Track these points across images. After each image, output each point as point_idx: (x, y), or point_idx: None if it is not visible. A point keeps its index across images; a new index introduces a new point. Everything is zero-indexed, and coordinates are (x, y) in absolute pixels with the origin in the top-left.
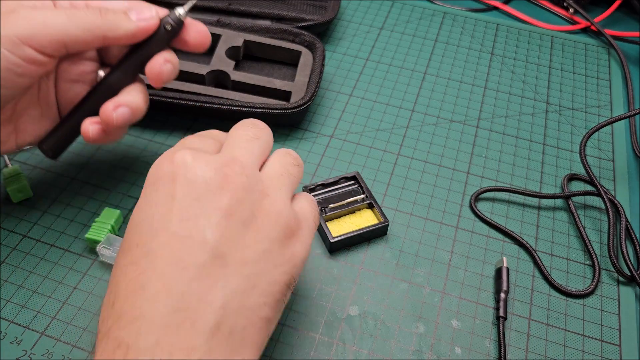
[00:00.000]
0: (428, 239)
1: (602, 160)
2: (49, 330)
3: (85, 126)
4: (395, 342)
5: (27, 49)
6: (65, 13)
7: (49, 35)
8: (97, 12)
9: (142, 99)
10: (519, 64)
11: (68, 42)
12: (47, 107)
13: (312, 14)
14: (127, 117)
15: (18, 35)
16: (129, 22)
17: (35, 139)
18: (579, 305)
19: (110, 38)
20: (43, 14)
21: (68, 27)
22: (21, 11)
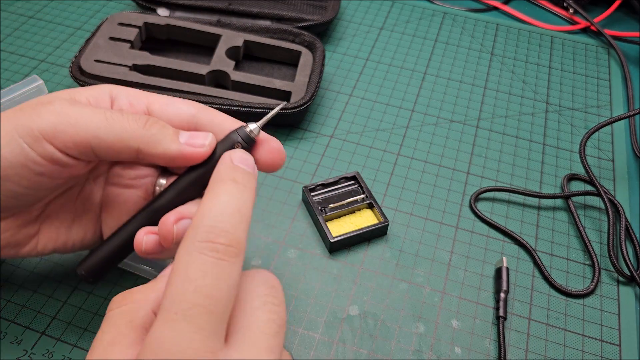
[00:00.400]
0: (428, 239)
1: (602, 160)
2: (49, 330)
3: (139, 236)
4: (395, 342)
5: (47, 145)
6: (105, 115)
7: (75, 135)
8: (142, 122)
9: None
10: (519, 64)
11: (96, 147)
12: (84, 213)
13: (312, 14)
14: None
15: (40, 129)
16: (172, 142)
17: (61, 247)
18: (578, 305)
19: (145, 153)
20: (78, 111)
21: (99, 131)
22: (56, 103)
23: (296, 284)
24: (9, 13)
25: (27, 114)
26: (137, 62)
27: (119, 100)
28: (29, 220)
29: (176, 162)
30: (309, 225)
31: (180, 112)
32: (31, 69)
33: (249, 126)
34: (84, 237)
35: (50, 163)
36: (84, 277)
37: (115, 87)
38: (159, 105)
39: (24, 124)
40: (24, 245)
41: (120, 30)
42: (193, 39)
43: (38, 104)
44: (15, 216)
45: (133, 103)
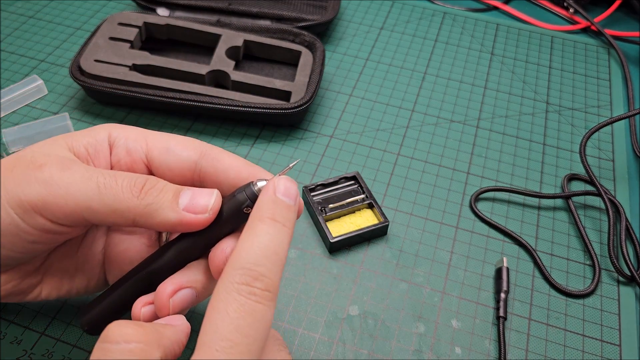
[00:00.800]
0: (428, 239)
1: (602, 160)
2: (49, 331)
3: (136, 309)
4: (396, 342)
5: (38, 217)
6: (97, 183)
7: (65, 207)
8: (138, 188)
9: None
10: (519, 64)
11: (89, 217)
12: (86, 261)
13: (312, 14)
14: (188, 302)
15: (29, 201)
16: (170, 211)
17: (65, 294)
18: (579, 305)
19: (141, 224)
20: (70, 179)
21: (92, 202)
22: (47, 169)
23: (296, 284)
24: (8, 13)
25: (17, 181)
26: (137, 62)
27: (117, 147)
28: (31, 271)
29: (176, 230)
30: (309, 225)
31: (181, 159)
32: (31, 69)
33: (258, 184)
34: (88, 284)
35: (42, 232)
36: (87, 331)
37: (115, 128)
38: (157, 153)
39: (14, 194)
40: (28, 293)
41: (120, 30)
42: (193, 39)
43: (29, 168)
44: (17, 268)
45: (131, 150)
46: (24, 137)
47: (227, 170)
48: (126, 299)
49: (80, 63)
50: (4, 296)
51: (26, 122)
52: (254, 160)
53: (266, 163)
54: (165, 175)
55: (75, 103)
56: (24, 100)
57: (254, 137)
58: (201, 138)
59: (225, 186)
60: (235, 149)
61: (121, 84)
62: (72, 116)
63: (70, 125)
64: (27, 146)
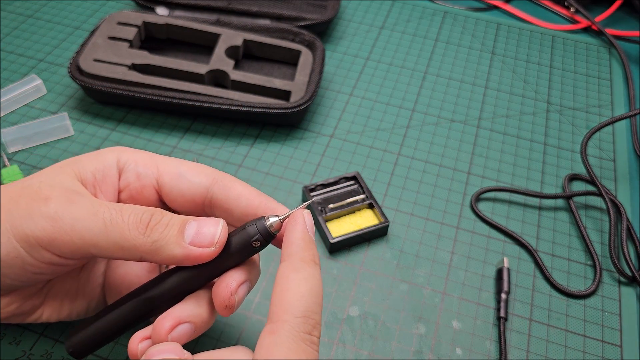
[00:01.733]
0: (428, 239)
1: (603, 160)
2: (48, 331)
3: (133, 345)
4: (396, 343)
5: (44, 252)
6: (105, 219)
7: (71, 244)
8: (144, 224)
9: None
10: (520, 64)
11: (96, 253)
12: (87, 284)
13: (312, 13)
14: (186, 337)
15: (36, 237)
16: (176, 246)
17: (66, 316)
18: (579, 305)
19: (148, 260)
20: (76, 215)
21: (98, 239)
22: (53, 203)
23: None
24: (7, 12)
25: (23, 214)
26: (136, 61)
27: (126, 172)
28: (34, 293)
29: (183, 264)
30: None
31: (193, 185)
32: (30, 69)
33: (269, 219)
34: (88, 306)
35: (48, 265)
36: (72, 354)
37: (124, 151)
38: (169, 178)
39: (19, 227)
40: (29, 314)
41: (119, 29)
42: (192, 38)
43: (35, 200)
44: (19, 291)
45: (141, 174)
46: (23, 136)
47: (239, 198)
48: (119, 324)
49: (79, 62)
50: (6, 318)
51: (25, 121)
52: (254, 160)
53: (266, 163)
54: (176, 201)
55: (74, 103)
56: (22, 99)
57: (254, 136)
58: (200, 138)
59: (236, 214)
60: (235, 149)
61: (120, 84)
62: (71, 116)
63: (69, 125)
64: (26, 146)
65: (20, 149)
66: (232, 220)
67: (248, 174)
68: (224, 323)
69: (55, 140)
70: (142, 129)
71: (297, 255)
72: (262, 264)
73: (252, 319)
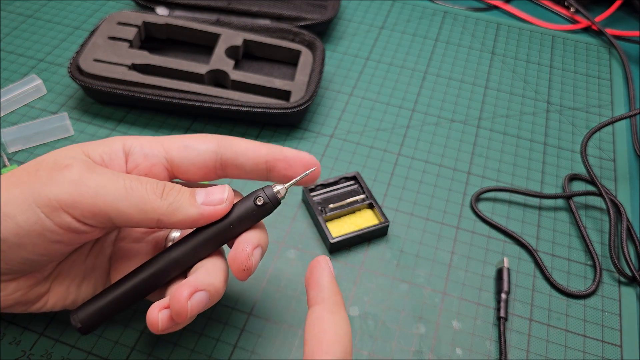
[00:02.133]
0: (428, 239)
1: (603, 160)
2: (48, 331)
3: (153, 314)
4: (396, 343)
5: (65, 215)
6: (125, 184)
7: (94, 206)
8: (160, 190)
9: (222, 278)
10: (520, 64)
11: (115, 218)
12: (94, 270)
13: (312, 13)
14: (203, 304)
15: (58, 200)
16: (191, 206)
17: (70, 304)
18: (580, 305)
19: (165, 222)
20: (98, 180)
21: (119, 203)
22: (75, 169)
23: (296, 284)
24: (7, 12)
25: (44, 181)
26: (136, 61)
27: (133, 154)
28: (41, 280)
29: (197, 224)
30: (309, 225)
31: (201, 152)
32: (30, 69)
33: (276, 186)
34: (94, 292)
35: (67, 232)
36: (79, 329)
37: (129, 139)
38: (176, 152)
39: (41, 193)
40: (34, 303)
41: (119, 29)
42: (192, 38)
43: (54, 169)
44: (27, 276)
45: (148, 154)
46: (23, 136)
47: (247, 152)
48: (129, 296)
49: (79, 62)
50: (9, 306)
51: (25, 121)
52: None
53: None
54: (189, 171)
55: (74, 103)
56: (22, 99)
57: (254, 137)
58: None
59: (247, 167)
60: None
61: (120, 84)
62: (71, 116)
63: (69, 125)
64: (26, 146)
65: (20, 149)
66: (245, 175)
67: None
68: (224, 323)
69: (55, 140)
70: (142, 129)
71: (331, 299)
72: (261, 267)
73: (252, 318)
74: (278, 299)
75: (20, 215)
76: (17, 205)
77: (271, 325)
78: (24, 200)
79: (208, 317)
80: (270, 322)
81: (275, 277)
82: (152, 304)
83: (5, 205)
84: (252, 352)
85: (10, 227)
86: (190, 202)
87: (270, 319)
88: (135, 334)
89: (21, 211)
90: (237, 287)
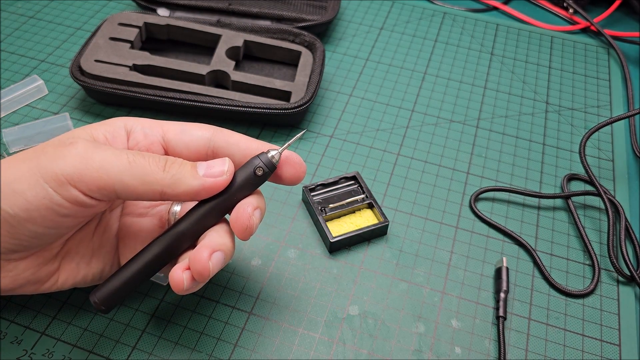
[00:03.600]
0: (428, 238)
1: (602, 160)
2: (49, 330)
3: (178, 275)
4: (395, 342)
5: (72, 189)
6: (128, 158)
7: (99, 180)
8: (163, 163)
9: (232, 239)
10: (519, 64)
11: (120, 191)
12: (102, 246)
13: (312, 14)
14: (221, 263)
15: (65, 174)
16: (193, 178)
17: (81, 281)
18: (578, 305)
19: (168, 194)
20: (102, 155)
21: (124, 176)
22: (80, 145)
23: (296, 284)
24: (9, 13)
25: (50, 157)
26: (137, 62)
27: (134, 133)
28: (50, 258)
29: (200, 196)
30: (309, 225)
31: (195, 138)
32: (31, 69)
33: (271, 152)
34: (103, 269)
35: (74, 205)
36: (98, 306)
37: (130, 119)
38: (173, 134)
39: (48, 168)
40: (44, 281)
41: (121, 30)
42: (193, 39)
43: (60, 145)
44: (36, 255)
45: (148, 134)
46: (24, 137)
47: (238, 142)
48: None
49: (81, 63)
50: (21, 285)
51: (26, 122)
52: None
53: None
54: (182, 153)
55: (76, 103)
56: (24, 100)
57: (254, 137)
58: None
59: (237, 158)
60: None
61: (121, 84)
62: (72, 116)
63: (70, 125)
64: (27, 146)
65: (22, 149)
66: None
67: None
68: (225, 322)
69: None
70: None
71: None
72: (261, 266)
73: (252, 318)
74: (278, 298)
75: (29, 190)
76: (26, 181)
77: (271, 324)
78: (31, 175)
79: (209, 316)
80: (270, 321)
81: (275, 277)
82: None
83: (15, 182)
84: (252, 351)
85: (20, 203)
86: (192, 174)
87: (270, 319)
88: (137, 333)
89: (30, 187)
90: (237, 287)
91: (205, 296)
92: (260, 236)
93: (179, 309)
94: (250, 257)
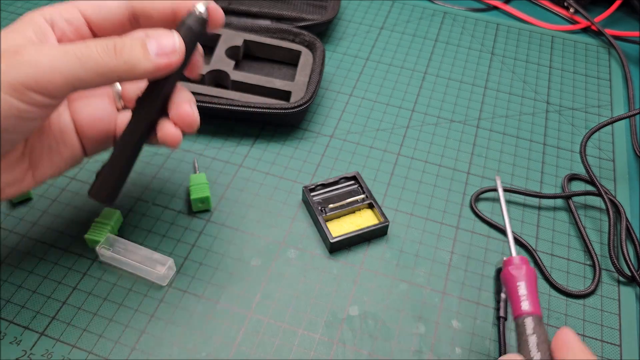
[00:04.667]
0: (428, 239)
1: (603, 160)
2: (49, 331)
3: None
4: (396, 343)
5: (32, 94)
6: (76, 54)
7: (56, 80)
8: (112, 50)
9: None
10: (519, 64)
11: (78, 85)
12: (62, 133)
13: (312, 14)
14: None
15: (22, 82)
16: (146, 61)
17: (55, 170)
18: (579, 305)
19: (125, 80)
20: (50, 56)
21: (78, 71)
22: (26, 52)
23: (296, 284)
24: (8, 13)
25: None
26: None
27: (57, 23)
28: (18, 158)
29: (157, 75)
30: (309, 225)
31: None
32: None
33: (198, 8)
34: (73, 153)
35: (39, 108)
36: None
37: (43, 10)
38: (91, 11)
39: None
40: (23, 180)
41: None
42: None
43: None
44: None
45: (69, 19)
46: None
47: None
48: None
49: None
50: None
51: None
52: (254, 160)
53: (266, 163)
54: (105, 29)
55: None
56: None
57: (254, 137)
58: (201, 138)
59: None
60: (235, 149)
61: None
62: None
63: None
64: None
65: None
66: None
67: (248, 174)
68: (225, 322)
69: None
70: None
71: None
72: (261, 266)
73: (252, 318)
74: (278, 298)
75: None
76: None
77: (271, 324)
78: None
79: (209, 316)
80: (270, 321)
81: (275, 277)
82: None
83: None
84: (252, 350)
85: None
86: (145, 56)
87: (270, 319)
88: (136, 334)
89: None
90: (237, 286)
91: (205, 297)
92: (260, 236)
93: (178, 309)
94: (250, 257)
